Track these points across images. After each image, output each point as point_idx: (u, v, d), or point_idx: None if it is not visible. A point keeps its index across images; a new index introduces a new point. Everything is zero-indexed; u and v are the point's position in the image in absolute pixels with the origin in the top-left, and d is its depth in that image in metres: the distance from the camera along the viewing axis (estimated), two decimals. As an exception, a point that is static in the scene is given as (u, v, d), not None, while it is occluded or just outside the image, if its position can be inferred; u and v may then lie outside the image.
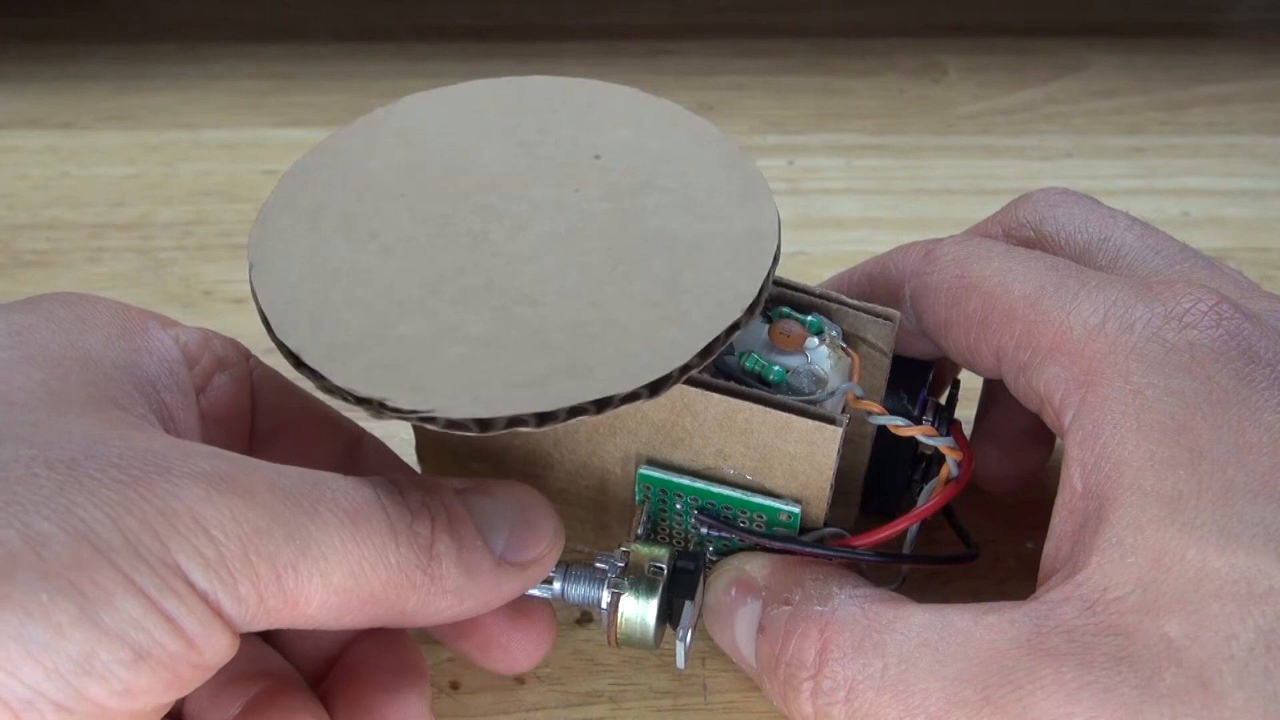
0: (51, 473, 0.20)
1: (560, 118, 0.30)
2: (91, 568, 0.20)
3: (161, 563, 0.20)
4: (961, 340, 0.28)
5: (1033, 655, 0.22)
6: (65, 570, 0.19)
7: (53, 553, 0.19)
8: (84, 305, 0.26)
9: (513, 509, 0.26)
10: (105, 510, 0.20)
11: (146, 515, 0.20)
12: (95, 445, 0.21)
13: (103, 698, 0.20)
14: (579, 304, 0.25)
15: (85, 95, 0.53)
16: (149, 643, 0.20)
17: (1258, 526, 0.22)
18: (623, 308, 0.25)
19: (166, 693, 0.21)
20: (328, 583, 0.22)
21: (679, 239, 0.26)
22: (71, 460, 0.21)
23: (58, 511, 0.20)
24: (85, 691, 0.20)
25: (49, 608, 0.19)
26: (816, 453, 0.27)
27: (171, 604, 0.20)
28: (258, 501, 0.22)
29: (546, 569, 0.27)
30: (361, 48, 0.57)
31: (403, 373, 0.24)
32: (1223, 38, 0.59)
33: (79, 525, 0.20)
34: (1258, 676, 0.21)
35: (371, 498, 0.24)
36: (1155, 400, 0.24)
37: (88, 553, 0.20)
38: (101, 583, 0.20)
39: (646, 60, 0.57)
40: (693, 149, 0.29)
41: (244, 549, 0.21)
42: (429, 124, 0.29)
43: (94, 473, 0.21)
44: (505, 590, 0.26)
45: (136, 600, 0.20)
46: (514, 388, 0.23)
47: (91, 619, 0.20)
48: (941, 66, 0.56)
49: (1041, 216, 0.30)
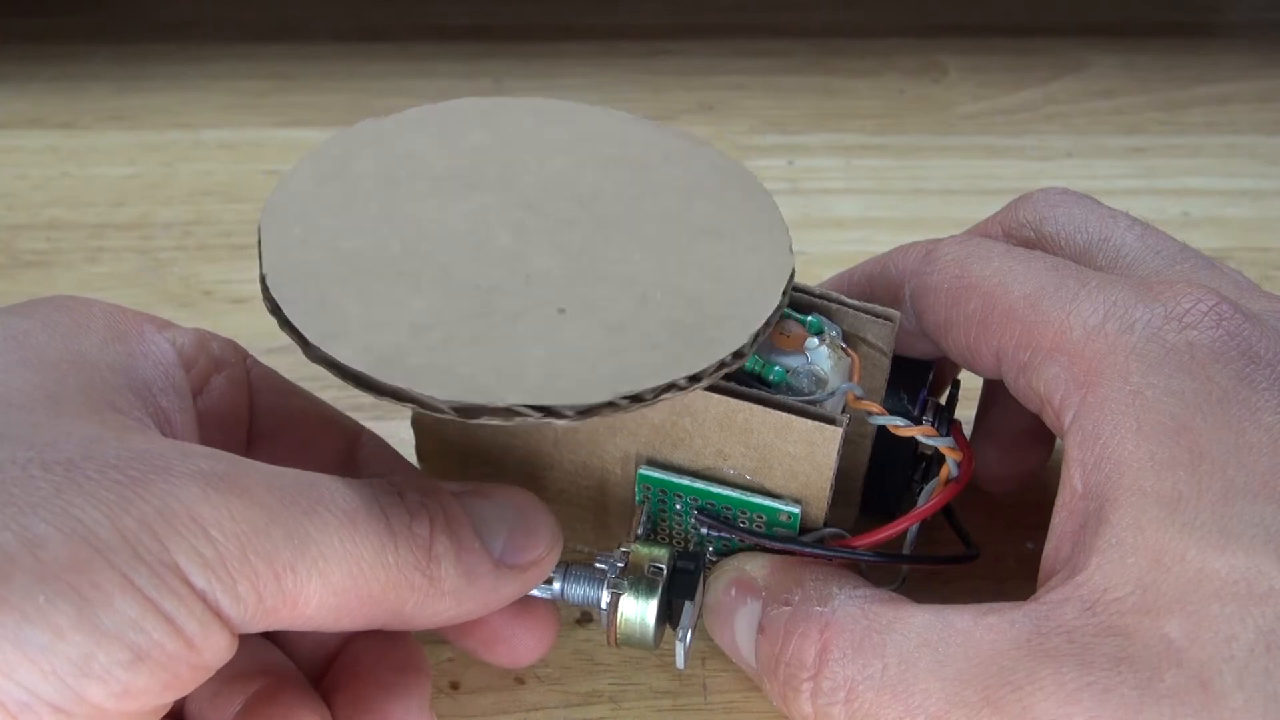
0: (49, 474, 0.20)
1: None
2: (90, 569, 0.20)
3: (160, 563, 0.20)
4: (961, 340, 0.28)
5: (1033, 656, 0.22)
6: (63, 572, 0.19)
7: (50, 554, 0.19)
8: (79, 309, 0.26)
9: (511, 512, 0.26)
10: (103, 511, 0.20)
11: (145, 515, 0.20)
12: (93, 446, 0.21)
13: (101, 699, 0.20)
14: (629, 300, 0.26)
15: (85, 95, 0.53)
16: (148, 644, 0.20)
17: (1258, 527, 0.22)
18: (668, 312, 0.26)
19: (165, 693, 0.21)
20: (326, 583, 0.22)
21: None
22: (69, 461, 0.21)
23: (55, 513, 0.20)
24: (83, 693, 0.20)
25: (46, 610, 0.19)
26: (816, 453, 0.27)
27: (170, 604, 0.20)
28: (256, 501, 0.22)
29: (545, 572, 0.27)
30: (361, 48, 0.57)
31: (499, 373, 0.24)
32: (1223, 38, 0.59)
33: (76, 526, 0.20)
34: (1258, 677, 0.21)
35: (369, 498, 0.24)
36: (1155, 401, 0.24)
37: (86, 554, 0.20)
38: (100, 584, 0.20)
39: (646, 60, 0.57)
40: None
41: (242, 549, 0.21)
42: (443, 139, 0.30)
43: (92, 474, 0.20)
44: (503, 593, 0.26)
45: (135, 601, 0.20)
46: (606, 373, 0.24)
47: (90, 621, 0.19)
48: (941, 66, 0.56)
49: (1041, 216, 0.30)
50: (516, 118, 0.30)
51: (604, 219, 0.27)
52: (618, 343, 0.25)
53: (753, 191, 0.29)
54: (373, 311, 0.24)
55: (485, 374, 0.23)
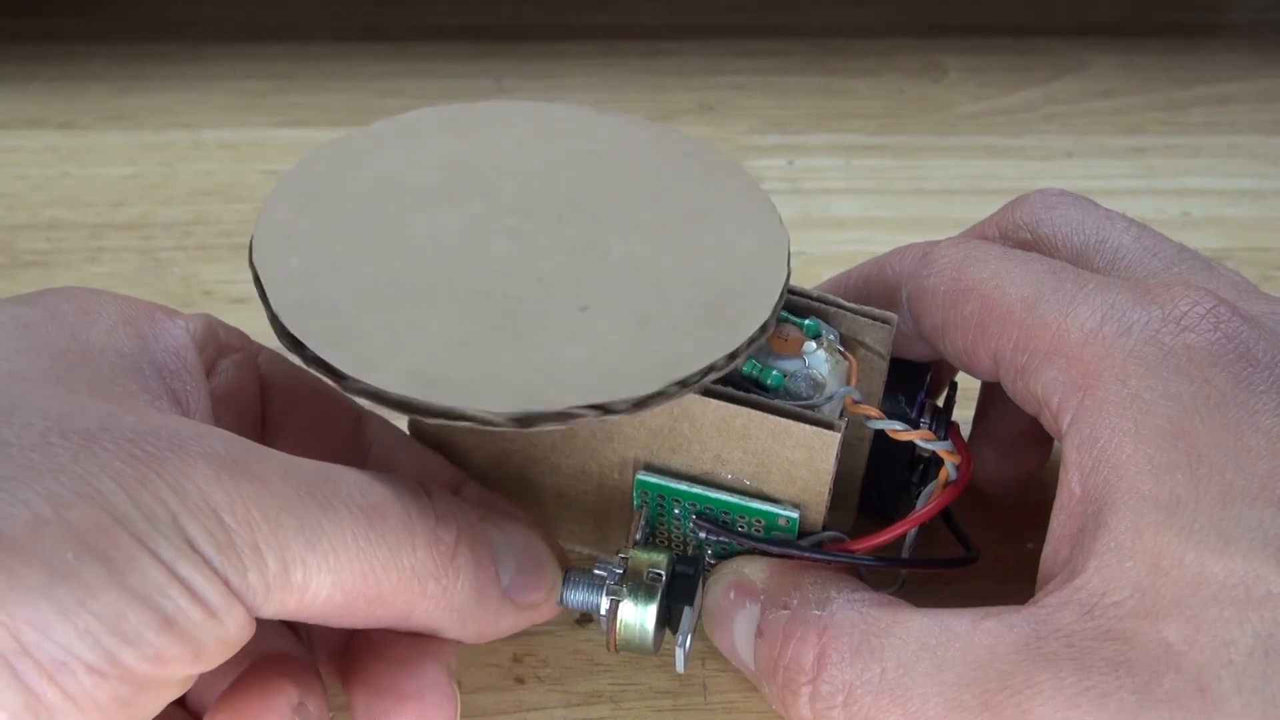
0: (66, 442, 0.20)
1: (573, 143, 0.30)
2: (113, 534, 0.19)
3: (178, 536, 0.20)
4: (959, 343, 0.28)
5: (1031, 660, 0.22)
6: (88, 534, 0.19)
7: (75, 515, 0.19)
8: (87, 298, 0.26)
9: (520, 546, 0.26)
10: (119, 483, 0.20)
11: (159, 492, 0.20)
12: (109, 419, 0.21)
13: (134, 663, 0.20)
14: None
15: (85, 95, 0.53)
16: (174, 610, 0.20)
17: (1256, 531, 0.22)
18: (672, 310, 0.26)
19: (195, 664, 0.21)
20: (336, 579, 0.22)
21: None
22: (86, 432, 0.20)
23: (74, 479, 0.20)
24: (117, 655, 0.19)
25: (77, 567, 0.19)
26: (815, 457, 0.27)
27: (192, 575, 0.20)
28: (269, 489, 0.21)
29: (540, 617, 0.27)
30: (361, 48, 0.57)
31: (545, 378, 0.24)
32: (1223, 38, 0.59)
33: (95, 494, 0.20)
34: (1256, 681, 0.21)
35: (391, 496, 0.23)
36: (1153, 404, 0.24)
37: (106, 520, 0.19)
38: (124, 548, 0.19)
39: (646, 60, 0.57)
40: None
41: (253, 537, 0.21)
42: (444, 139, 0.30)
43: (108, 445, 0.20)
44: (502, 625, 0.26)
45: (159, 568, 0.20)
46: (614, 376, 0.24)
47: (119, 582, 0.19)
48: (941, 66, 0.56)
49: (1038, 218, 0.30)
50: (479, 123, 0.30)
51: (594, 213, 0.27)
52: (650, 331, 0.25)
53: (727, 170, 0.29)
54: (398, 335, 0.24)
55: (531, 381, 0.23)
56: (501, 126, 0.30)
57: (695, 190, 0.28)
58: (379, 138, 0.29)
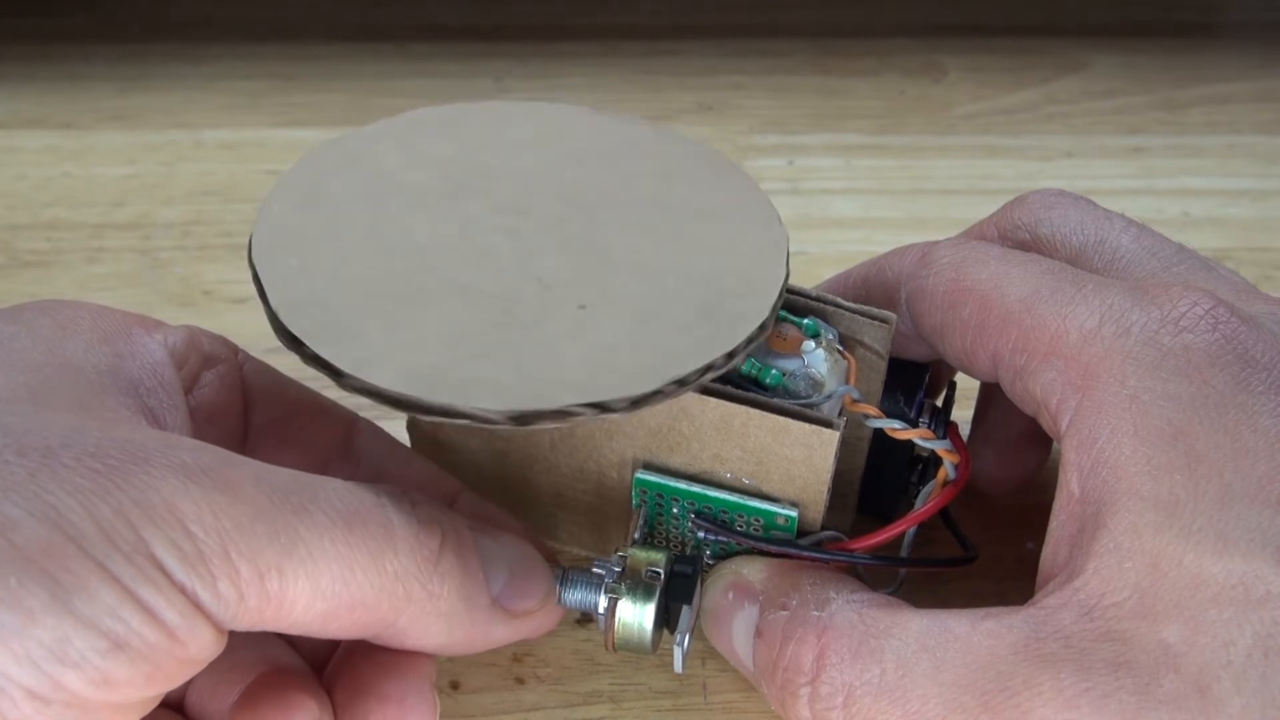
0: (24, 460, 0.20)
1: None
2: (63, 555, 0.19)
3: (137, 552, 0.20)
4: (958, 344, 0.28)
5: (1030, 661, 0.22)
6: (35, 556, 0.19)
7: (22, 537, 0.19)
8: (65, 312, 0.26)
9: (513, 555, 0.26)
10: (77, 499, 0.20)
11: (121, 505, 0.20)
12: (73, 435, 0.21)
13: (79, 688, 0.19)
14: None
15: (85, 95, 0.53)
16: (126, 632, 0.20)
17: (1254, 531, 0.22)
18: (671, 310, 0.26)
19: (149, 685, 0.20)
20: (315, 586, 0.22)
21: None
22: (46, 449, 0.20)
23: (27, 498, 0.19)
24: (60, 680, 0.19)
25: (18, 592, 0.19)
26: (813, 456, 0.27)
27: (148, 594, 0.20)
28: (241, 498, 0.21)
29: (532, 628, 0.27)
30: (361, 48, 0.57)
31: (543, 376, 0.24)
32: (1223, 38, 0.59)
33: (49, 512, 0.19)
34: (1255, 682, 0.21)
35: (371, 502, 0.23)
36: (1151, 405, 0.24)
37: (59, 540, 0.19)
38: (74, 569, 0.19)
39: (646, 60, 0.57)
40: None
41: (223, 545, 0.21)
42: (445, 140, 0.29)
43: (68, 461, 0.20)
44: (493, 635, 0.26)
45: (112, 589, 0.19)
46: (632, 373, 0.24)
47: (64, 605, 0.19)
48: (941, 66, 0.56)
49: (1037, 219, 0.30)
50: (478, 123, 0.30)
51: (593, 212, 0.27)
52: (648, 330, 0.25)
53: (726, 170, 0.29)
54: (396, 333, 0.24)
55: (530, 379, 0.23)
56: (501, 126, 0.30)
57: (694, 190, 0.28)
58: (378, 137, 0.29)
